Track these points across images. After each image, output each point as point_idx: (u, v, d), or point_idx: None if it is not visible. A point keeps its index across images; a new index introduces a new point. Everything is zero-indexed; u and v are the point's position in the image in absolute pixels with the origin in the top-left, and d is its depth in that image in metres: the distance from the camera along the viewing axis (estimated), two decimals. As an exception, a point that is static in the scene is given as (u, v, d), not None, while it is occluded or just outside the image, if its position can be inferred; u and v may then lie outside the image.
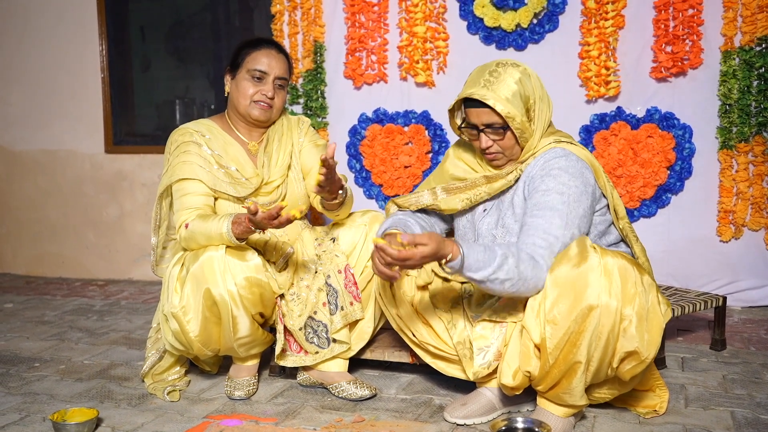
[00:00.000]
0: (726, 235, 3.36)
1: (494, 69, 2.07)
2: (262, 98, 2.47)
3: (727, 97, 3.28)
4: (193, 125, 2.53)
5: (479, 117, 2.07)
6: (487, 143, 2.09)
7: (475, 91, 2.05)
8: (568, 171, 2.02)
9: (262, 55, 2.47)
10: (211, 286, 2.24)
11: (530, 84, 2.07)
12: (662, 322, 1.93)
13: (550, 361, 1.91)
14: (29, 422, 2.22)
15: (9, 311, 3.65)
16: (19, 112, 4.47)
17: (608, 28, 3.36)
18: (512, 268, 1.87)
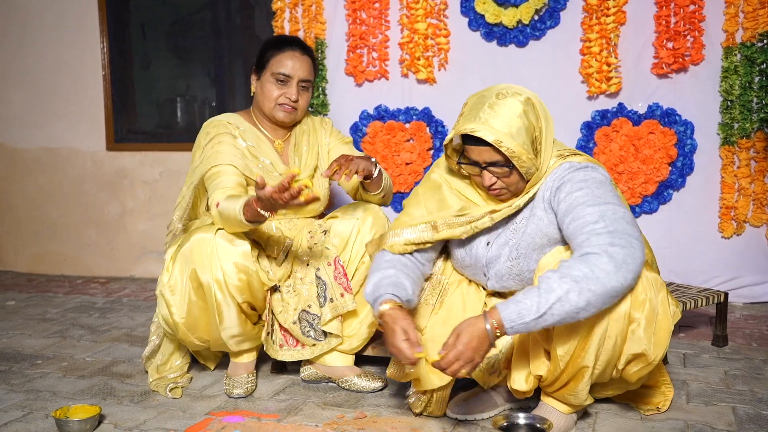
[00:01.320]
0: (728, 231, 3.36)
1: (494, 101, 1.90)
2: (286, 101, 2.49)
3: (728, 93, 3.27)
4: (226, 117, 2.55)
5: (481, 155, 1.92)
6: (491, 180, 1.96)
7: (475, 126, 1.87)
8: (581, 170, 1.93)
9: (286, 57, 2.47)
10: (197, 268, 2.25)
11: (534, 114, 1.92)
12: (671, 324, 1.89)
13: (560, 366, 1.90)
14: (32, 419, 2.23)
15: (11, 309, 3.66)
16: (20, 110, 4.47)
17: (609, 24, 3.36)
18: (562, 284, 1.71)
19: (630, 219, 1.83)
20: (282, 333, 2.47)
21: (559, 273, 1.73)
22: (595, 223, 1.79)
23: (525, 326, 1.73)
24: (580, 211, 1.84)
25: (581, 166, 1.94)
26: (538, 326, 1.74)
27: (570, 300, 1.70)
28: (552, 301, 1.70)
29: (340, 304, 2.42)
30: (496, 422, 1.82)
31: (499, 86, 1.95)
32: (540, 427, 1.81)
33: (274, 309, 2.45)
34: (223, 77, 4.35)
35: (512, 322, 1.73)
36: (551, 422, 1.82)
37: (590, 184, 1.89)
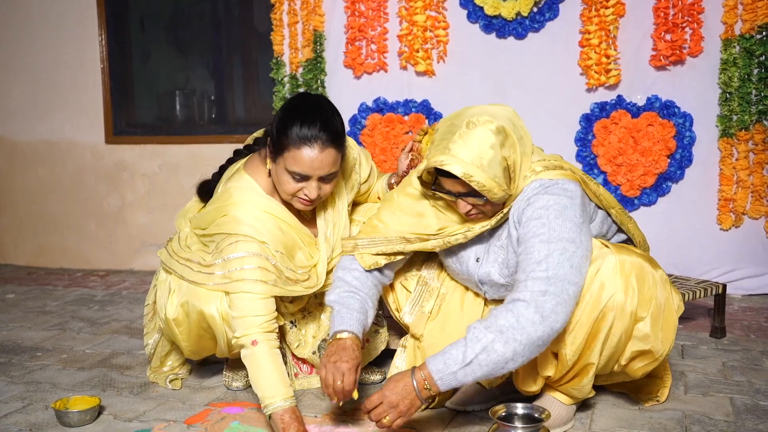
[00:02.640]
0: (726, 223, 3.36)
1: (464, 132, 1.81)
2: (305, 197, 2.07)
3: (727, 85, 3.27)
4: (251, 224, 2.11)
5: (453, 186, 1.87)
6: (466, 208, 1.91)
7: (444, 159, 1.79)
8: (547, 192, 1.86)
9: (302, 154, 2.00)
10: (203, 305, 2.14)
11: (508, 143, 1.83)
12: (676, 319, 1.92)
13: (568, 365, 1.92)
14: (32, 410, 2.23)
15: (11, 301, 3.67)
16: (19, 103, 4.47)
17: (608, 16, 3.35)
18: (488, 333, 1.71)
19: (578, 257, 1.78)
20: (295, 361, 2.41)
21: (485, 323, 1.74)
22: (537, 264, 1.77)
23: (453, 376, 1.73)
24: (531, 245, 1.81)
25: (549, 185, 1.87)
26: (466, 377, 1.73)
27: (496, 350, 1.70)
28: (477, 350, 1.71)
29: (373, 346, 2.42)
30: (495, 412, 1.83)
31: (471, 112, 1.86)
32: (538, 417, 1.81)
33: (290, 344, 2.37)
34: (221, 70, 4.35)
35: (440, 373, 1.74)
36: (549, 412, 1.83)
37: (551, 212, 1.82)
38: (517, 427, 1.78)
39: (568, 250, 1.78)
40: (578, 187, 1.89)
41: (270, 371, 2.00)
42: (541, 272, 1.75)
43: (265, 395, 1.98)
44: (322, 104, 2.09)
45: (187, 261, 2.20)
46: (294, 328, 2.39)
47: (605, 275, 1.84)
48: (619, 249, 1.89)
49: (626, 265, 1.85)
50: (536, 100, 3.51)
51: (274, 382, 1.99)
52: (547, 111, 3.50)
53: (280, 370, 2.02)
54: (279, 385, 1.98)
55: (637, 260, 1.88)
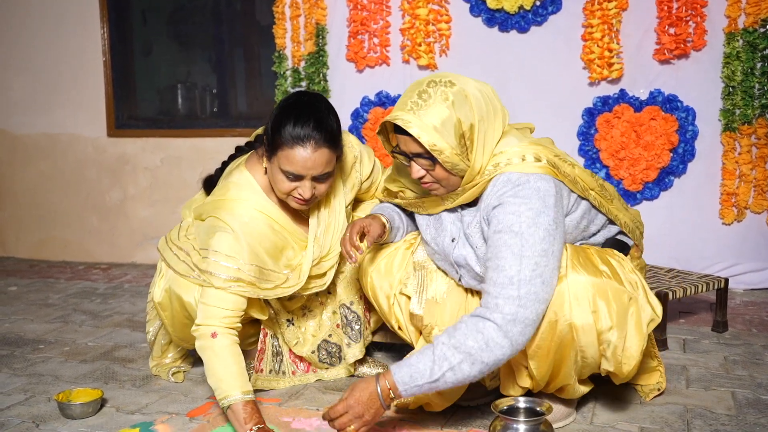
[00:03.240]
0: (728, 217, 3.36)
1: (424, 89, 1.78)
2: (299, 196, 2.07)
3: (730, 79, 3.27)
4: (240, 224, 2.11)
5: (407, 145, 1.81)
6: (419, 173, 1.84)
7: (399, 115, 1.77)
8: (517, 195, 1.78)
9: (296, 154, 1.98)
10: (183, 293, 2.17)
11: (466, 106, 1.77)
12: (643, 339, 1.85)
13: (542, 384, 1.93)
14: (34, 402, 2.24)
15: (13, 294, 3.67)
16: (21, 97, 4.46)
17: (611, 9, 3.34)
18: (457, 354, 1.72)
19: (550, 270, 1.75)
20: (292, 359, 2.41)
21: (454, 341, 1.73)
22: (509, 281, 1.73)
23: (419, 389, 1.75)
24: (503, 256, 1.75)
25: (520, 183, 1.79)
26: (431, 390, 1.76)
27: (463, 370, 1.72)
28: (445, 368, 1.72)
29: (368, 339, 2.42)
30: (497, 406, 1.83)
31: (438, 74, 1.83)
32: (540, 410, 1.82)
33: (288, 342, 2.37)
34: (223, 63, 4.34)
35: (405, 385, 1.75)
36: (550, 405, 1.83)
37: (523, 220, 1.75)
38: (519, 421, 1.79)
39: (540, 265, 1.74)
40: (551, 184, 1.80)
41: (230, 363, 1.99)
42: (512, 291, 1.72)
43: (224, 387, 1.96)
44: (317, 103, 2.07)
45: (179, 249, 2.22)
46: (291, 325, 2.39)
47: (561, 302, 1.79)
48: (575, 267, 1.81)
49: (580, 288, 1.79)
50: (539, 94, 3.50)
51: (235, 375, 1.97)
52: (550, 105, 3.50)
53: (240, 364, 2.00)
54: (238, 379, 1.97)
55: (592, 280, 1.80)
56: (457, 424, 2.03)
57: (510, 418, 1.79)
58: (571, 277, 1.79)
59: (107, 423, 2.08)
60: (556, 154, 1.88)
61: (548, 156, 1.85)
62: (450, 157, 1.78)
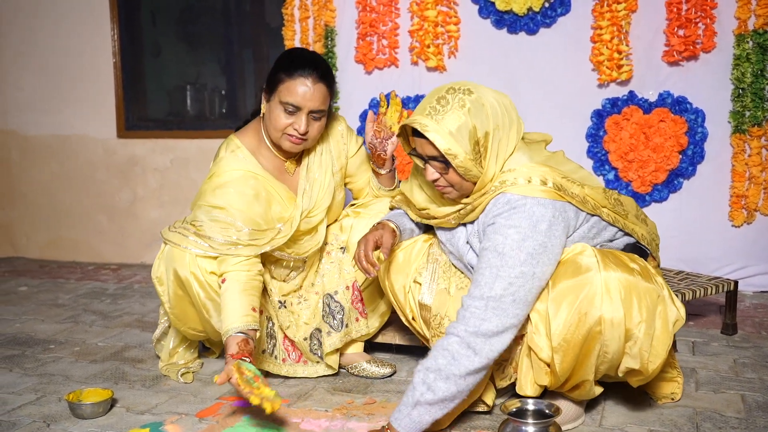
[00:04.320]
0: (738, 219, 3.35)
1: (443, 96, 1.85)
2: (294, 132, 2.22)
3: (740, 81, 3.26)
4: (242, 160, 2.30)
5: (423, 148, 1.88)
6: (433, 176, 1.90)
7: (418, 119, 1.84)
8: (510, 218, 1.83)
9: (297, 85, 2.18)
10: (177, 266, 2.24)
11: (483, 114, 1.83)
12: (669, 338, 1.87)
13: (560, 380, 1.93)
14: (45, 402, 2.25)
15: (23, 294, 3.69)
16: (31, 98, 4.49)
17: (621, 11, 3.34)
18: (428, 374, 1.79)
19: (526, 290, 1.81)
20: (285, 347, 2.44)
21: (426, 364, 1.81)
22: (480, 296, 1.80)
23: (409, 419, 1.80)
24: (480, 275, 1.83)
25: (516, 206, 1.83)
26: (422, 417, 1.80)
27: (439, 387, 1.77)
28: (423, 390, 1.78)
29: (354, 329, 2.43)
30: (506, 407, 1.83)
31: (458, 83, 1.90)
32: (549, 412, 1.82)
33: (282, 324, 2.42)
34: (232, 65, 4.35)
35: (397, 420, 1.81)
36: (560, 408, 1.83)
37: (508, 242, 1.80)
38: (528, 423, 1.79)
39: (514, 285, 1.80)
40: (549, 210, 1.83)
41: (230, 301, 2.13)
42: (480, 304, 1.80)
43: (222, 326, 2.12)
44: (315, 53, 2.32)
45: (179, 226, 2.32)
46: (283, 308, 2.43)
47: (593, 296, 1.81)
48: (607, 264, 1.84)
49: (613, 283, 1.81)
50: (547, 96, 3.50)
51: (230, 311, 2.12)
52: (558, 106, 3.49)
53: (241, 299, 2.13)
54: (233, 313, 2.11)
55: (625, 276, 1.83)
56: (466, 426, 2.03)
57: (519, 420, 1.80)
58: (604, 273, 1.82)
59: (117, 423, 2.10)
60: (564, 176, 1.90)
61: (555, 179, 1.88)
62: (464, 162, 1.82)
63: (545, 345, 1.88)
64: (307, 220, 2.35)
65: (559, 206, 1.85)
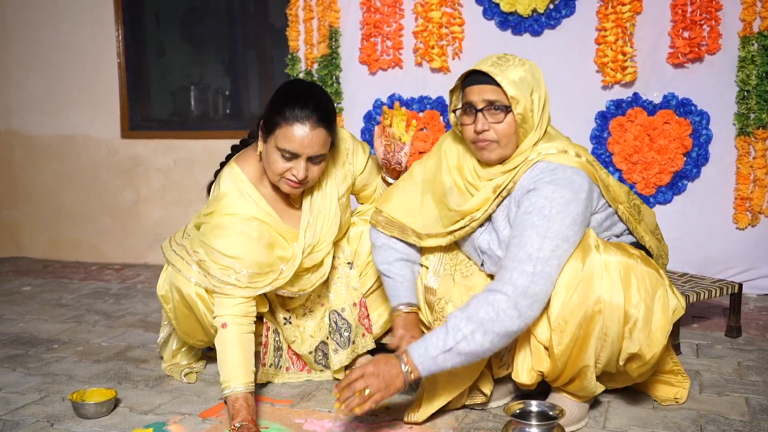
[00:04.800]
0: (742, 222, 3.34)
1: (503, 56, 1.93)
2: (293, 178, 2.10)
3: (745, 83, 3.25)
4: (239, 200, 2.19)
5: (482, 93, 1.89)
6: (483, 125, 1.90)
7: (483, 66, 1.90)
8: (553, 182, 1.86)
9: (294, 131, 2.04)
10: (182, 287, 2.19)
11: (536, 77, 1.92)
12: (669, 323, 1.88)
13: (559, 366, 1.92)
14: (49, 402, 2.25)
15: (27, 294, 3.70)
16: (35, 98, 4.50)
17: (625, 13, 3.34)
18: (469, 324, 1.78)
19: (566, 256, 1.83)
20: (289, 356, 2.44)
21: (466, 313, 1.80)
22: (528, 257, 1.80)
23: (433, 361, 1.79)
24: (526, 235, 1.83)
25: (557, 172, 1.87)
26: (446, 362, 1.80)
27: (476, 340, 1.78)
28: (458, 338, 1.78)
29: (360, 345, 2.42)
30: (509, 409, 1.83)
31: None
32: (552, 414, 1.81)
33: (287, 338, 2.40)
34: (236, 65, 4.36)
35: (420, 357, 1.80)
36: (563, 409, 1.83)
37: (554, 205, 1.82)
38: (532, 425, 1.78)
39: (560, 248, 1.82)
40: (586, 181, 1.88)
41: (233, 354, 2.06)
42: (528, 267, 1.80)
43: (225, 378, 2.04)
44: (314, 88, 2.16)
45: (178, 247, 2.26)
46: (289, 324, 2.41)
47: (591, 276, 1.83)
48: (608, 248, 1.87)
49: (612, 264, 1.83)
50: (552, 97, 3.42)
51: (235, 366, 2.04)
52: (563, 108, 3.45)
53: (245, 354, 2.07)
54: (239, 369, 2.04)
55: (624, 259, 1.85)
56: (470, 428, 2.02)
57: (523, 422, 1.79)
58: (604, 255, 1.84)
59: (121, 423, 2.10)
60: (594, 159, 1.98)
61: (588, 156, 1.95)
62: (524, 111, 1.88)
63: (544, 326, 1.90)
64: (311, 256, 2.26)
65: (590, 183, 1.91)
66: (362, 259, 2.44)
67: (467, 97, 1.94)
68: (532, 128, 1.92)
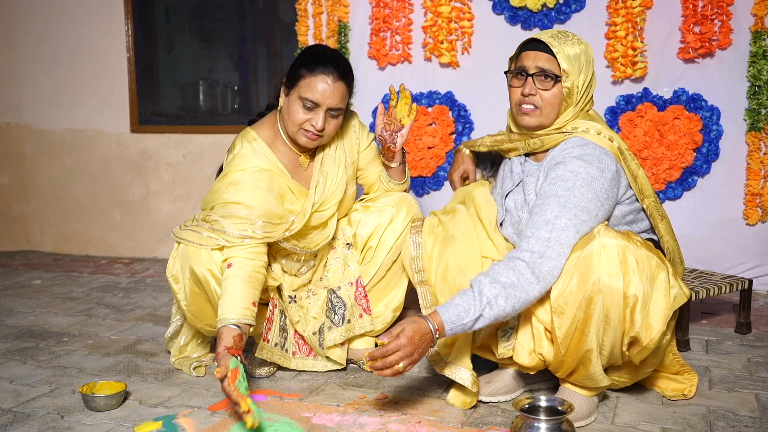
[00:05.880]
0: (753, 218, 3.32)
1: (563, 31, 2.06)
2: (311, 128, 2.25)
3: (756, 78, 3.23)
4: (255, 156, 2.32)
5: (536, 59, 2.02)
6: (531, 90, 2.02)
7: (543, 36, 2.02)
8: (581, 158, 1.95)
9: (317, 81, 2.21)
10: (194, 264, 2.24)
11: (589, 58, 2.05)
12: (668, 308, 1.87)
13: (562, 350, 1.93)
14: (59, 394, 2.27)
15: (37, 287, 3.72)
16: (46, 92, 4.52)
17: (636, 7, 3.32)
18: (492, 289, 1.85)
19: (587, 227, 1.90)
20: (296, 340, 2.46)
21: (490, 277, 1.87)
22: (545, 224, 1.89)
23: (462, 327, 1.86)
24: (547, 203, 1.93)
25: (587, 148, 1.97)
26: (473, 327, 1.87)
27: (499, 304, 1.85)
28: (484, 303, 1.85)
29: (357, 326, 2.43)
30: (518, 404, 1.83)
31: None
32: (561, 409, 1.81)
33: (291, 319, 2.43)
34: (245, 60, 4.36)
35: (452, 324, 1.86)
36: (572, 404, 1.83)
37: (579, 179, 1.92)
38: (541, 420, 1.78)
39: (578, 217, 1.89)
40: (614, 163, 1.98)
41: (232, 290, 2.12)
42: (545, 233, 1.88)
43: (220, 314, 2.11)
44: (337, 51, 2.37)
45: (191, 225, 2.32)
46: (293, 303, 2.44)
47: (590, 258, 1.84)
48: (608, 232, 1.88)
49: (610, 247, 1.84)
50: None
51: (231, 300, 2.11)
52: (572, 103, 3.48)
53: (243, 290, 2.13)
54: (234, 303, 2.10)
55: (623, 242, 1.85)
56: (478, 422, 2.03)
57: (531, 417, 1.79)
58: (604, 238, 1.86)
59: (130, 416, 2.11)
60: (627, 149, 2.06)
61: (621, 144, 2.04)
62: (572, 85, 2.00)
63: (546, 307, 1.93)
64: (318, 214, 2.36)
65: (618, 168, 2.00)
66: (360, 243, 2.48)
67: (521, 61, 2.05)
68: (574, 103, 2.03)
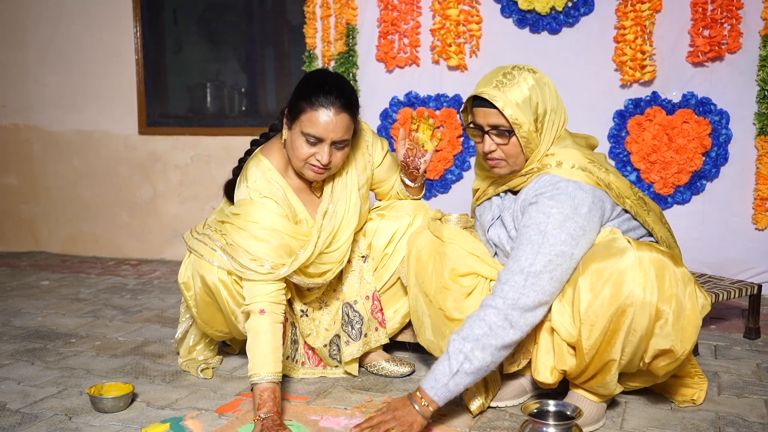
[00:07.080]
0: (762, 222, 3.31)
1: (509, 71, 1.94)
2: (317, 163, 2.14)
3: (765, 82, 3.22)
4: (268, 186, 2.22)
5: (486, 117, 1.95)
6: (490, 147, 1.96)
7: (485, 90, 1.93)
8: (553, 198, 1.90)
9: (319, 116, 2.08)
10: (204, 273, 2.23)
11: (544, 93, 1.94)
12: (699, 319, 1.88)
13: (586, 360, 1.92)
14: (67, 395, 2.27)
15: (45, 288, 3.73)
16: (54, 94, 4.53)
17: (645, 11, 3.31)
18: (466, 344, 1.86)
19: (562, 270, 1.89)
20: (305, 350, 2.45)
21: (462, 334, 1.88)
22: (520, 271, 1.88)
23: (445, 388, 1.87)
24: (522, 248, 1.90)
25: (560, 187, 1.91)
26: (458, 386, 1.88)
27: (476, 356, 1.86)
28: (461, 360, 1.86)
29: (373, 339, 2.42)
30: (527, 408, 1.82)
31: (522, 64, 2.01)
32: (570, 414, 1.81)
33: (302, 332, 2.42)
34: (253, 62, 4.37)
35: (433, 389, 1.88)
36: (581, 410, 1.82)
37: (551, 221, 1.88)
38: (549, 425, 1.78)
39: (553, 263, 1.87)
40: (589, 195, 1.91)
41: (265, 342, 2.07)
42: (519, 279, 1.87)
43: (254, 366, 2.05)
44: (338, 77, 2.21)
45: (203, 235, 2.29)
46: (305, 316, 2.42)
47: (624, 271, 1.83)
48: (640, 245, 1.88)
49: (645, 261, 1.84)
50: (569, 96, 3.42)
51: (266, 354, 2.06)
52: (581, 107, 3.46)
53: (275, 344, 2.09)
54: (269, 359, 2.05)
55: (657, 256, 1.85)
56: (486, 427, 2.02)
57: (540, 422, 1.78)
58: (638, 252, 1.85)
59: (138, 417, 2.11)
60: (590, 161, 1.97)
61: (581, 162, 1.96)
62: (527, 133, 1.92)
63: (569, 325, 1.92)
64: (328, 255, 2.27)
65: (598, 194, 1.93)
66: (377, 253, 2.44)
67: (474, 118, 2.00)
68: (538, 146, 1.96)
